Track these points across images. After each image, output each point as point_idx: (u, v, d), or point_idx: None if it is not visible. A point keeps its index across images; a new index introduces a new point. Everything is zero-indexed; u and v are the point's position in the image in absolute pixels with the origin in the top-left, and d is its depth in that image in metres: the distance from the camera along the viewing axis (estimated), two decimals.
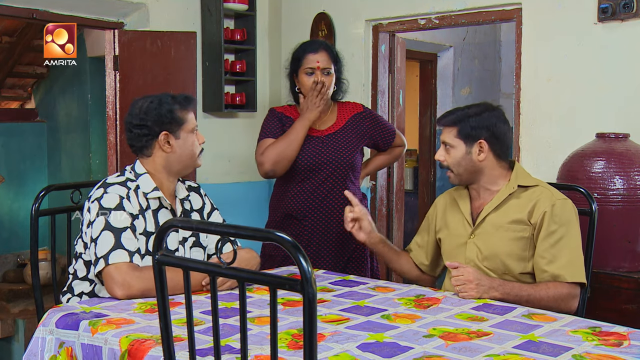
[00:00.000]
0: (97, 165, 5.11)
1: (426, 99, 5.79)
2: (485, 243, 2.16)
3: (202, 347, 1.53)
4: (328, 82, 2.74)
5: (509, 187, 2.17)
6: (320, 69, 2.73)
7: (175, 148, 2.17)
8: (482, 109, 2.20)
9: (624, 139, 2.76)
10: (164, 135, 2.15)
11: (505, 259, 2.13)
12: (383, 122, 2.95)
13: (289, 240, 1.15)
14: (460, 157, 2.17)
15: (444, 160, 2.21)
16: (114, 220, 2.04)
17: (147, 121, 2.15)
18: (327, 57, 2.76)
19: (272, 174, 2.77)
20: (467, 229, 2.22)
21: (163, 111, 2.15)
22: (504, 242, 2.13)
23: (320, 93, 2.71)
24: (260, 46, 4.27)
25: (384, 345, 1.57)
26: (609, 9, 3.02)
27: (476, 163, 2.17)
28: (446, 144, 2.20)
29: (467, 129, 2.16)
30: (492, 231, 2.16)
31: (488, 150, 2.16)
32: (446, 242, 2.30)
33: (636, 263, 2.69)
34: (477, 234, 2.19)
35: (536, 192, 2.15)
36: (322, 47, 2.77)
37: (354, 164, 2.82)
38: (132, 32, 3.82)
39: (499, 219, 2.15)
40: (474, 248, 2.18)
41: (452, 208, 2.31)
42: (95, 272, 2.02)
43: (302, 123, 2.72)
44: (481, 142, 2.15)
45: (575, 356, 1.50)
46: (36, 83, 5.57)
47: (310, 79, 2.73)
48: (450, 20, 3.71)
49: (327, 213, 2.78)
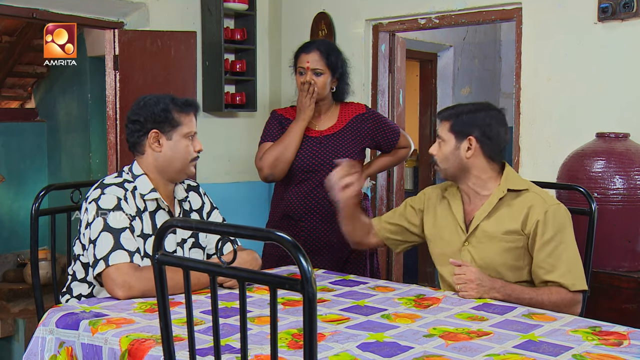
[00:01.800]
0: (97, 165, 5.11)
1: (426, 99, 5.79)
2: (480, 253, 2.14)
3: (202, 346, 1.53)
4: (319, 83, 2.73)
5: (499, 191, 2.14)
6: (310, 69, 2.73)
7: (165, 149, 2.14)
8: (479, 107, 2.18)
9: (624, 139, 2.76)
10: (154, 134, 2.14)
11: (500, 269, 2.11)
12: (386, 124, 2.92)
13: (289, 240, 1.15)
14: (449, 151, 2.15)
15: (435, 154, 2.20)
16: (112, 221, 2.03)
17: (140, 116, 2.14)
18: (318, 57, 2.74)
19: (272, 178, 2.79)
20: (460, 236, 2.19)
21: (157, 109, 2.13)
22: (498, 252, 2.11)
23: (308, 93, 2.71)
24: (260, 46, 4.27)
25: (384, 345, 1.57)
26: (609, 9, 3.02)
27: (463, 160, 2.14)
28: (439, 138, 2.19)
29: (459, 124, 2.14)
30: (486, 241, 2.13)
31: (477, 149, 2.12)
32: (437, 246, 2.26)
33: (636, 263, 2.69)
34: (470, 242, 2.16)
35: (528, 198, 2.11)
36: (315, 48, 2.76)
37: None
38: (132, 32, 3.82)
39: (492, 228, 2.12)
40: (468, 256, 2.15)
41: (443, 208, 2.27)
42: (95, 274, 2.01)
43: (297, 125, 2.73)
44: (470, 138, 2.12)
45: (576, 356, 1.50)
46: (36, 83, 5.57)
47: (300, 79, 2.75)
48: (450, 20, 3.70)
49: (325, 214, 2.78)
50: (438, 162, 2.19)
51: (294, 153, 2.73)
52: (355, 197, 2.30)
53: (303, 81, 2.73)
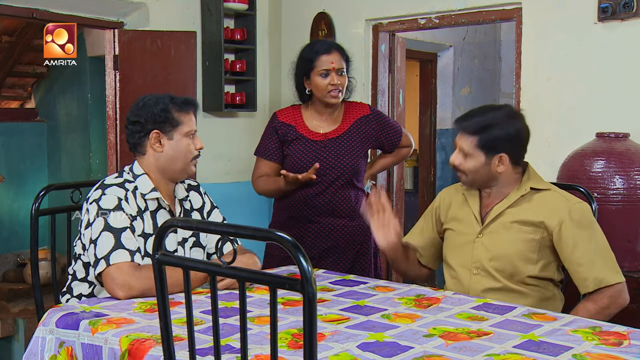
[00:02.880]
0: (97, 164, 5.11)
1: (426, 99, 5.79)
2: (494, 243, 2.13)
3: (202, 346, 1.53)
4: (342, 82, 2.73)
5: (520, 189, 2.14)
6: (335, 69, 2.70)
7: (167, 148, 2.15)
8: (505, 116, 2.11)
9: (624, 139, 2.76)
10: (155, 134, 2.14)
11: (514, 260, 2.09)
12: (390, 124, 2.91)
13: (289, 240, 1.14)
14: (478, 166, 2.11)
15: (460, 165, 2.14)
16: (113, 221, 2.03)
17: (140, 117, 2.14)
18: (340, 57, 2.73)
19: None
20: (475, 228, 2.18)
21: (157, 110, 2.13)
22: (513, 242, 2.10)
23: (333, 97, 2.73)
24: (260, 46, 4.27)
25: (384, 345, 1.57)
26: (609, 9, 3.02)
27: (494, 174, 2.12)
28: (463, 151, 2.13)
29: (489, 141, 2.08)
30: (502, 231, 2.13)
31: (508, 163, 2.11)
32: (451, 238, 2.26)
33: (636, 262, 2.69)
34: (485, 233, 2.16)
35: (549, 196, 2.12)
36: (334, 48, 2.75)
37: (357, 168, 2.80)
38: (132, 32, 3.82)
39: (509, 219, 2.12)
40: (482, 247, 2.15)
41: (460, 203, 2.26)
42: (96, 274, 2.01)
43: (282, 187, 2.74)
44: (502, 156, 2.09)
45: (576, 356, 1.50)
46: (36, 82, 5.57)
47: (325, 81, 2.70)
48: (450, 20, 3.70)
49: (331, 216, 2.78)
50: (466, 173, 2.15)
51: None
52: (399, 237, 2.27)
53: (332, 83, 2.70)
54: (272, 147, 2.82)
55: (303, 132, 2.79)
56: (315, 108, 2.81)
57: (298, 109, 2.85)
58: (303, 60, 2.77)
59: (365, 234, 2.82)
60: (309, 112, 2.83)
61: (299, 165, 2.74)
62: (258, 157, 2.86)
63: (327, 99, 2.73)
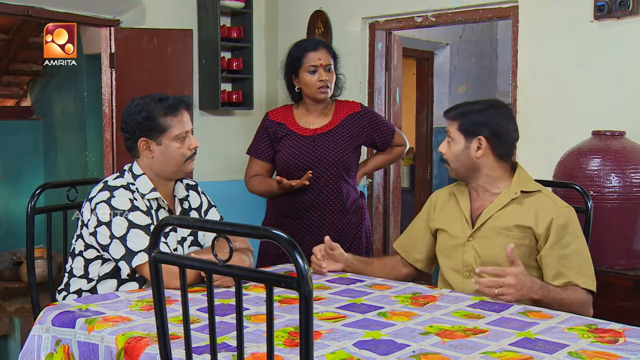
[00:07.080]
0: (93, 163, 5.10)
1: (423, 97, 5.80)
2: (484, 248, 2.13)
3: (198, 344, 1.52)
4: (330, 79, 2.76)
5: (510, 191, 2.13)
6: (323, 65, 2.74)
7: (157, 154, 2.15)
8: (488, 105, 2.16)
9: (620, 137, 2.77)
10: (143, 142, 2.15)
11: (503, 265, 2.08)
12: (382, 122, 2.93)
13: (285, 238, 1.14)
14: (459, 151, 2.15)
15: (445, 153, 2.19)
16: (136, 219, 2.06)
17: (128, 125, 2.16)
18: (327, 54, 2.77)
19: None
20: (465, 231, 2.18)
21: (140, 118, 2.13)
22: (503, 247, 2.08)
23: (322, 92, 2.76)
24: (257, 44, 4.27)
25: (381, 343, 1.57)
26: (605, 7, 3.02)
27: (473, 159, 2.13)
28: (449, 137, 2.18)
29: (468, 124, 2.13)
30: (492, 236, 2.12)
31: (487, 148, 2.12)
32: (443, 240, 2.26)
33: (632, 260, 2.70)
34: (475, 237, 2.15)
35: (537, 198, 2.12)
36: (321, 45, 2.79)
37: (346, 163, 2.81)
38: (129, 30, 3.81)
39: (500, 223, 2.12)
40: (472, 252, 2.15)
41: (451, 204, 2.27)
42: (134, 265, 2.02)
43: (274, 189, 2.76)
44: (480, 138, 2.11)
45: (571, 353, 1.51)
46: (32, 80, 5.56)
47: (314, 77, 2.74)
48: (446, 18, 3.71)
49: (321, 211, 2.79)
50: (448, 161, 2.18)
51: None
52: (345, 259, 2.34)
53: (320, 79, 2.73)
54: (263, 147, 2.85)
55: (293, 128, 2.82)
56: (305, 106, 2.84)
57: (289, 108, 2.89)
58: (291, 58, 2.81)
59: (356, 230, 2.86)
60: (299, 110, 2.86)
61: (289, 161, 2.77)
62: (250, 156, 2.90)
63: (316, 95, 2.77)
